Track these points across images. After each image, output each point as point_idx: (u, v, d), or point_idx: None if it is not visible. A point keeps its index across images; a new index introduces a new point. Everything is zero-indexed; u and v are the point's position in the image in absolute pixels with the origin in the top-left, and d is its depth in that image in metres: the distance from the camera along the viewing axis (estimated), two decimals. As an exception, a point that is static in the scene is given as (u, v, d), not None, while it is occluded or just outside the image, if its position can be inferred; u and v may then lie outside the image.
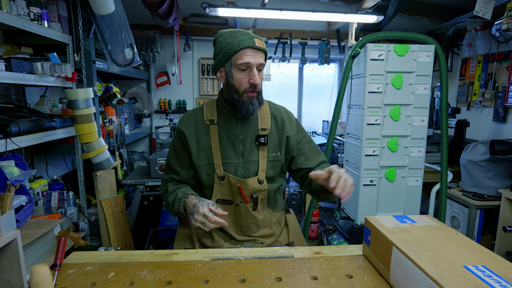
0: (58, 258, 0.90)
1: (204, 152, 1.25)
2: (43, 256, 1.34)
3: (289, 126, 1.30)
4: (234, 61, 1.14)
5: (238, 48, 1.12)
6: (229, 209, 1.28)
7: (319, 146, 3.18)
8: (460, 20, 3.00)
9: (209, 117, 1.26)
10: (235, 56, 1.13)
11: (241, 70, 1.14)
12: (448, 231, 0.92)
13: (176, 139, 1.30)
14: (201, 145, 1.25)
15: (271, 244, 1.33)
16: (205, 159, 1.25)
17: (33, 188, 1.83)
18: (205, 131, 1.25)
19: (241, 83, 1.15)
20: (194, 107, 1.33)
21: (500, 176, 2.40)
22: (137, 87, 3.47)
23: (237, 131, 1.25)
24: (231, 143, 1.25)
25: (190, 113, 1.31)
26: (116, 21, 1.98)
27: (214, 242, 1.29)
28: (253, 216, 1.28)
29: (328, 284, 0.87)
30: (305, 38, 3.60)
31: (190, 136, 1.25)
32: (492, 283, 0.66)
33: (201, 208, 1.07)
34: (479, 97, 3.15)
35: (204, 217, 1.06)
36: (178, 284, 0.87)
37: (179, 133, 1.27)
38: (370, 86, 2.15)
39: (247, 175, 1.26)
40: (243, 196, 1.25)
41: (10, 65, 1.47)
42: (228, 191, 1.27)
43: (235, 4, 2.56)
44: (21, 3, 1.56)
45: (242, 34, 1.14)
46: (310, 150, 1.34)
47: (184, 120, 1.29)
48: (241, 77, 1.15)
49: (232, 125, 1.25)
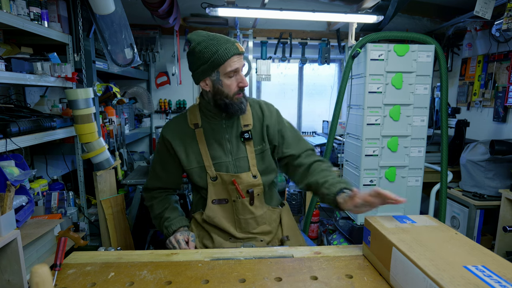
0: (58, 258, 0.90)
1: (194, 156, 1.27)
2: (43, 256, 1.34)
3: (268, 115, 1.32)
4: (222, 70, 1.16)
5: (227, 58, 1.13)
6: (226, 207, 1.29)
7: (319, 146, 3.20)
8: (460, 20, 3.00)
9: (193, 121, 1.29)
10: (225, 64, 1.15)
11: (229, 76, 1.17)
12: (448, 231, 0.92)
13: (161, 146, 1.33)
14: (189, 149, 1.27)
15: (269, 241, 1.34)
16: (195, 162, 1.28)
17: (33, 188, 1.83)
18: (191, 136, 1.28)
19: (230, 88, 1.18)
20: (177, 115, 1.37)
21: (500, 176, 2.40)
22: (137, 87, 3.47)
23: (222, 130, 1.28)
24: (218, 143, 1.27)
25: (173, 120, 1.34)
26: (116, 21, 1.98)
27: (214, 243, 1.30)
28: (250, 211, 1.29)
29: (328, 284, 0.87)
30: (305, 38, 3.60)
31: (176, 142, 1.27)
32: (492, 283, 0.66)
33: (178, 235, 1.24)
34: (479, 97, 3.15)
35: (177, 243, 1.22)
36: (178, 284, 0.87)
37: (164, 140, 1.30)
38: (370, 86, 2.15)
39: (239, 171, 1.28)
40: (238, 190, 1.26)
41: (10, 65, 1.47)
42: (223, 190, 1.28)
43: (235, 4, 2.56)
44: (21, 3, 1.56)
45: (225, 42, 1.15)
46: (292, 137, 1.34)
47: (168, 127, 1.31)
48: (230, 83, 1.18)
49: (216, 126, 1.28)
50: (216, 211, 1.29)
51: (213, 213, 1.29)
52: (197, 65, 1.18)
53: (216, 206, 1.29)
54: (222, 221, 1.29)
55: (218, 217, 1.29)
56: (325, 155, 2.39)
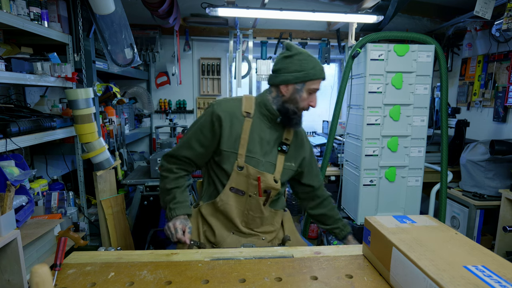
0: (58, 258, 0.90)
1: (233, 140, 1.30)
2: (43, 256, 1.34)
3: (307, 147, 1.46)
4: (308, 84, 1.27)
5: (319, 77, 1.27)
6: (240, 199, 1.33)
7: (319, 146, 3.20)
8: (460, 20, 3.00)
9: (247, 109, 1.32)
10: (313, 81, 1.27)
11: (309, 93, 1.29)
12: (448, 231, 0.92)
13: (206, 120, 1.32)
14: (232, 132, 1.30)
15: (271, 240, 1.39)
16: (231, 147, 1.30)
17: (33, 188, 1.82)
18: (238, 121, 1.31)
19: (304, 103, 1.30)
20: (228, 97, 1.41)
21: (500, 176, 2.40)
22: (137, 87, 3.47)
23: (268, 131, 1.34)
24: (259, 140, 1.32)
25: (226, 100, 1.36)
26: (116, 21, 1.98)
27: (216, 237, 1.32)
28: (261, 210, 1.34)
29: (328, 284, 0.87)
30: (305, 38, 3.60)
31: (226, 120, 1.29)
32: (492, 283, 0.66)
33: (178, 223, 1.26)
34: (479, 97, 3.15)
35: (174, 230, 1.24)
36: (178, 284, 0.87)
37: (214, 116, 1.30)
38: (370, 86, 2.15)
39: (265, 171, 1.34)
40: (259, 188, 1.30)
41: (10, 65, 1.47)
42: (243, 182, 1.31)
43: (235, 4, 2.56)
44: (21, 3, 1.56)
45: (319, 63, 1.29)
46: (316, 171, 1.52)
47: (222, 105, 1.32)
48: (306, 98, 1.29)
49: (264, 126, 1.34)
50: (230, 198, 1.32)
51: (227, 198, 1.32)
52: (291, 70, 1.26)
53: (232, 194, 1.32)
54: (233, 210, 1.32)
55: (230, 204, 1.32)
56: (325, 155, 2.39)
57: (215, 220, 1.35)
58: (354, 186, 2.37)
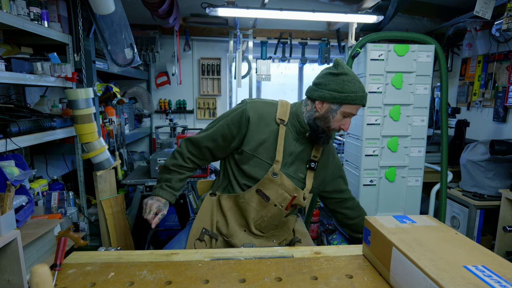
0: (58, 258, 0.90)
1: (256, 144, 1.27)
2: (43, 256, 1.34)
3: (330, 166, 1.42)
4: (345, 108, 1.22)
5: (358, 103, 1.21)
6: (262, 204, 1.30)
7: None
8: (460, 20, 3.00)
9: (282, 116, 1.29)
10: (351, 106, 1.22)
11: (343, 116, 1.24)
12: (448, 231, 0.92)
13: (236, 117, 1.29)
14: (256, 136, 1.27)
15: (280, 242, 1.39)
16: (264, 153, 1.28)
17: (33, 188, 1.82)
18: (267, 126, 1.28)
19: (336, 124, 1.26)
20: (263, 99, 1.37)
21: (500, 176, 2.40)
22: (137, 87, 3.47)
23: (292, 144, 1.31)
24: (288, 148, 1.30)
25: (262, 102, 1.33)
26: (116, 21, 1.98)
27: (228, 229, 1.31)
28: (280, 220, 1.35)
29: (328, 284, 0.87)
30: (305, 38, 3.60)
31: (254, 123, 1.27)
32: (492, 283, 0.66)
33: (155, 205, 1.29)
34: (479, 97, 3.15)
35: (149, 209, 1.29)
36: (178, 284, 0.87)
37: (243, 115, 1.27)
38: (370, 86, 2.15)
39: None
40: (290, 202, 1.30)
41: (10, 65, 1.47)
42: (273, 189, 1.29)
43: (235, 4, 2.56)
44: (21, 3, 1.56)
45: (363, 89, 1.23)
46: (345, 184, 1.51)
47: (256, 106, 1.29)
48: (339, 120, 1.25)
49: (291, 137, 1.31)
50: (254, 199, 1.29)
51: (250, 198, 1.29)
52: (331, 88, 1.21)
53: (257, 196, 1.29)
54: (251, 210, 1.30)
55: (251, 204, 1.29)
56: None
57: (231, 213, 1.33)
58: (354, 186, 2.37)
